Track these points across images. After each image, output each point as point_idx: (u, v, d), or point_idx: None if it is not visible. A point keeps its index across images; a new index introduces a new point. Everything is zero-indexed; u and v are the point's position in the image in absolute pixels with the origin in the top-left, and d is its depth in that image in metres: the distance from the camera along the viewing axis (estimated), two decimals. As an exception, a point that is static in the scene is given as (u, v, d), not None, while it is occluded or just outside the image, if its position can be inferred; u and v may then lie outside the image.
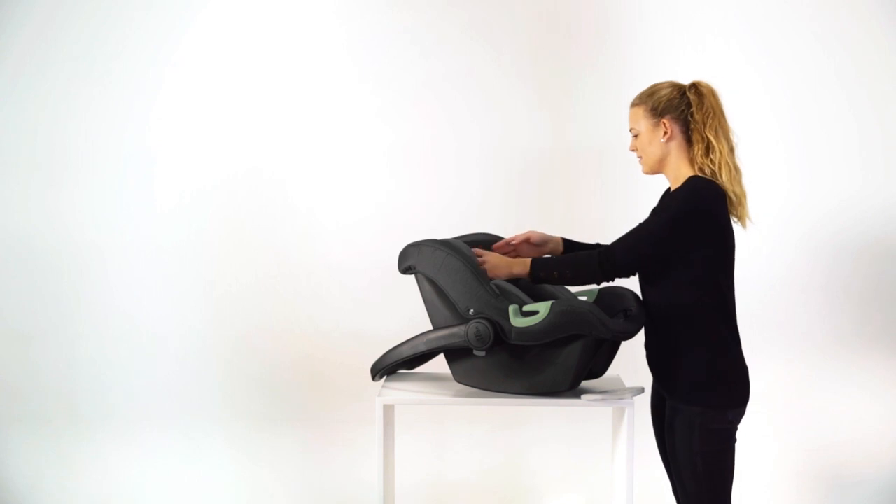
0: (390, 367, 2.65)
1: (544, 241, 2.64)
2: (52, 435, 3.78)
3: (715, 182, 2.38)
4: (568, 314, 2.34)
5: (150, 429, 3.78)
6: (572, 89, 3.72)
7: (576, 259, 2.45)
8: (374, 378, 2.72)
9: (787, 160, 3.68)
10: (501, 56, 3.72)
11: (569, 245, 2.66)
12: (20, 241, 3.78)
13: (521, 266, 2.47)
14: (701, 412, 2.36)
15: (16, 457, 3.77)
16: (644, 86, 2.52)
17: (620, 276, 2.44)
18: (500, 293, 2.45)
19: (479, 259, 2.51)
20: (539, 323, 2.34)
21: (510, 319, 2.37)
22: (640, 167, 2.53)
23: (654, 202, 2.59)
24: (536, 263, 2.46)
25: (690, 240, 2.34)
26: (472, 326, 2.40)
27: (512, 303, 2.40)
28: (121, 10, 3.75)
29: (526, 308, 2.39)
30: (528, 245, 2.65)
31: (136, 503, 3.73)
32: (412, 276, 2.59)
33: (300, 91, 3.75)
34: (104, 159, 3.77)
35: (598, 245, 2.65)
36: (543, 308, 2.35)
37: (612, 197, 3.68)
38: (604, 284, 2.59)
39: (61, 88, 3.76)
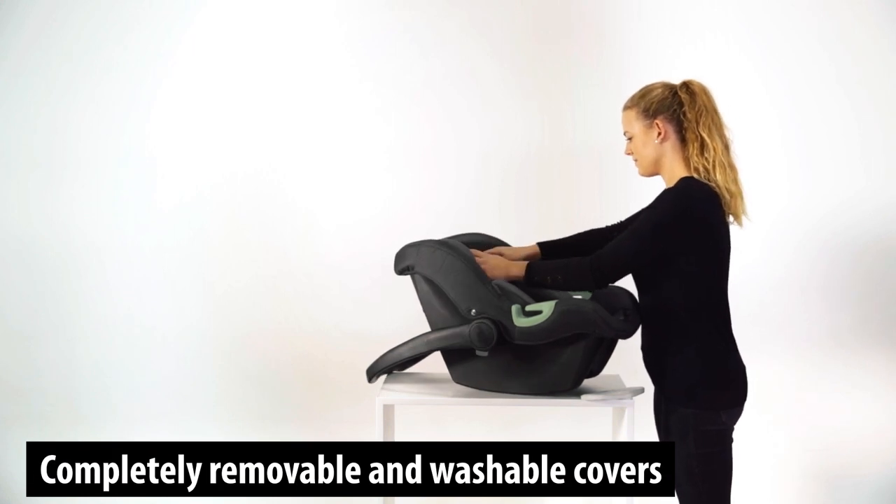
0: (388, 368, 2.64)
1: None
2: (52, 434, 3.78)
3: (707, 183, 2.37)
4: (572, 313, 2.33)
5: (151, 428, 3.78)
6: (571, 89, 3.72)
7: (569, 265, 2.45)
8: (370, 380, 2.69)
9: (788, 160, 3.68)
10: (501, 56, 3.72)
11: (547, 247, 2.65)
12: (19, 241, 3.79)
13: (518, 268, 2.48)
14: (694, 414, 2.35)
15: (16, 457, 3.76)
16: (643, 86, 2.52)
17: (612, 282, 2.44)
18: (502, 293, 2.45)
19: (478, 259, 2.51)
20: (543, 322, 2.34)
21: (513, 319, 2.36)
22: (637, 169, 2.53)
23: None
24: (533, 267, 2.46)
25: (677, 242, 2.33)
26: (475, 326, 2.39)
27: (514, 303, 2.40)
28: (120, 9, 3.75)
29: (529, 308, 2.38)
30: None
31: (135, 503, 3.73)
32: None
33: (300, 91, 3.75)
34: (104, 159, 3.77)
35: (578, 235, 2.67)
36: (547, 307, 2.35)
37: (612, 197, 3.68)
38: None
39: (61, 88, 3.76)
